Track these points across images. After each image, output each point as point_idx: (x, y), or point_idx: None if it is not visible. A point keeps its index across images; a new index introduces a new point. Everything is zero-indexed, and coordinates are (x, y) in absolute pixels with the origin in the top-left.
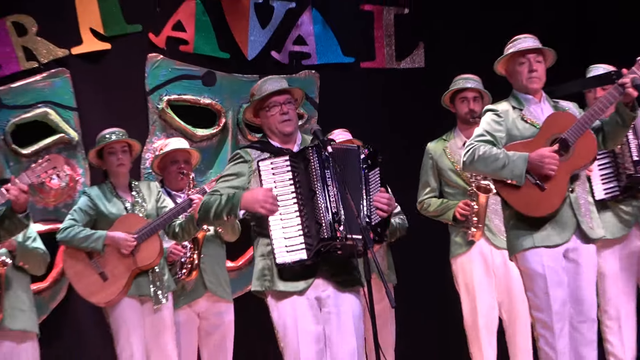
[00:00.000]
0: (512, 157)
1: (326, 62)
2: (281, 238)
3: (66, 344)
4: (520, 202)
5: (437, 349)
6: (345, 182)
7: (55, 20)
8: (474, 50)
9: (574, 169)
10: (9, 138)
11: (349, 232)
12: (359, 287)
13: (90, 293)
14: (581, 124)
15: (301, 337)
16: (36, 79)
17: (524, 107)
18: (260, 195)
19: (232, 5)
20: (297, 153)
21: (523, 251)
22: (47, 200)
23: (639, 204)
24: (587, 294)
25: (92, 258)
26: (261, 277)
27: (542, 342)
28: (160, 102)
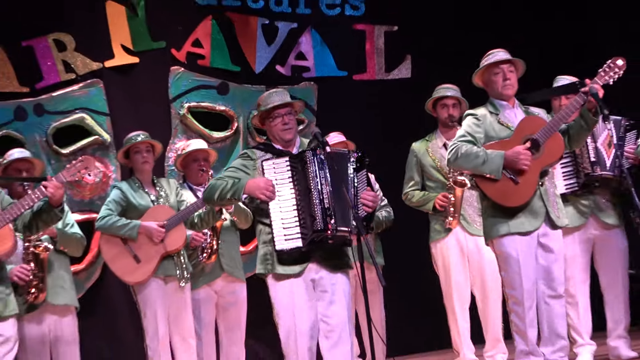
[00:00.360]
0: (490, 155)
1: (323, 75)
2: (280, 228)
3: (99, 318)
4: (496, 194)
5: (419, 321)
6: (337, 182)
7: (90, 38)
8: (453, 63)
9: (543, 166)
10: (50, 140)
11: (339, 225)
12: (348, 269)
13: (125, 273)
14: (550, 127)
15: (297, 313)
16: (74, 89)
17: (500, 112)
18: (262, 183)
19: (242, 25)
20: (295, 155)
21: (499, 237)
22: (83, 193)
23: (594, 198)
24: (557, 272)
25: (126, 243)
26: (264, 262)
27: (514, 315)
28: (182, 108)
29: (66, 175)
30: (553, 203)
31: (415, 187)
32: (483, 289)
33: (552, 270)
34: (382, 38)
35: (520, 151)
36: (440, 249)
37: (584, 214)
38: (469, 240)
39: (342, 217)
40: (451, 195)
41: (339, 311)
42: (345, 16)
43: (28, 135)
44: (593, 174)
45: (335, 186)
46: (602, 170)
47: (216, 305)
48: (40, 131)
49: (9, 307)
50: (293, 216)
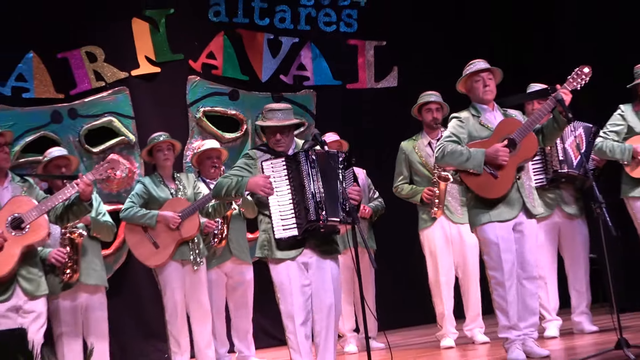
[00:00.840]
0: (473, 152)
1: (320, 84)
2: (278, 219)
3: (125, 296)
4: (478, 187)
5: (407, 299)
6: (327, 179)
7: (118, 50)
8: (434, 73)
9: (519, 161)
10: (82, 140)
11: (329, 216)
12: (337, 254)
13: (146, 258)
14: (525, 127)
15: (293, 290)
16: (103, 95)
17: (481, 114)
18: (261, 181)
19: (250, 40)
20: (291, 156)
21: (481, 225)
22: (111, 187)
23: (560, 192)
24: (530, 257)
25: (146, 231)
26: (262, 247)
27: (496, 294)
28: (198, 112)
29: (95, 174)
30: (529, 194)
31: (404, 181)
32: (464, 271)
33: (526, 255)
34: (372, 52)
35: (499, 148)
36: (427, 236)
37: (550, 205)
38: (452, 228)
39: (332, 209)
40: (436, 189)
41: (329, 290)
42: (340, 32)
43: (63, 136)
44: (561, 171)
45: (325, 182)
46: (569, 168)
47: (226, 285)
48: (73, 132)
49: (40, 287)
50: (289, 209)
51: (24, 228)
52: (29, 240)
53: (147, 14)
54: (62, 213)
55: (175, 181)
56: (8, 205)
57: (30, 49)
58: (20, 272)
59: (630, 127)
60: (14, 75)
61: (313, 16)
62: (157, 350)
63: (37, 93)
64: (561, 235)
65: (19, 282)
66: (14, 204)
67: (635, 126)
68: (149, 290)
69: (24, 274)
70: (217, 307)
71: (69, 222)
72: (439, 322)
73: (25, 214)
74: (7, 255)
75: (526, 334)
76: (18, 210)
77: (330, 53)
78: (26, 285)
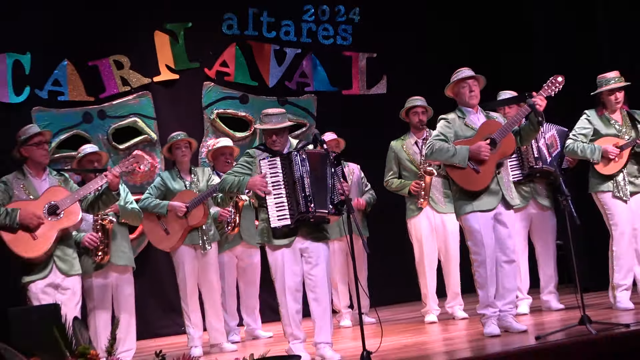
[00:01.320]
0: (458, 149)
1: (320, 90)
2: (274, 211)
3: (147, 276)
4: (462, 181)
5: (395, 280)
6: (319, 176)
7: (142, 59)
8: (419, 81)
9: (499, 158)
10: (110, 138)
11: (317, 208)
12: (327, 240)
13: (158, 242)
14: (505, 128)
15: (286, 272)
16: (129, 98)
17: (466, 116)
18: (258, 182)
19: (259, 50)
20: (285, 155)
21: (465, 214)
22: (135, 180)
23: (535, 185)
24: (509, 243)
25: (159, 219)
26: (261, 234)
27: (477, 275)
28: (212, 114)
29: (122, 167)
30: (507, 187)
31: (393, 176)
32: (446, 255)
33: (505, 240)
34: (364, 62)
35: (482, 145)
36: (414, 224)
37: (525, 197)
38: (436, 217)
39: (320, 202)
40: (422, 182)
41: (320, 271)
42: (337, 45)
43: (93, 134)
44: (536, 167)
45: (315, 178)
46: (543, 164)
47: (236, 266)
48: (102, 131)
49: (74, 267)
50: (283, 201)
51: (59, 214)
52: (63, 225)
53: (167, 27)
54: (93, 202)
55: (192, 174)
56: (45, 195)
57: (65, 58)
58: (56, 253)
59: (596, 130)
60: (50, 80)
61: (313, 30)
62: (175, 324)
63: (71, 96)
64: (533, 224)
65: (55, 262)
66: (51, 193)
67: (600, 129)
68: (168, 271)
69: (59, 255)
70: (229, 286)
71: (99, 211)
72: (424, 300)
73: (60, 202)
74: (44, 238)
75: (506, 310)
76: (54, 199)
77: (328, 63)
78: (61, 265)
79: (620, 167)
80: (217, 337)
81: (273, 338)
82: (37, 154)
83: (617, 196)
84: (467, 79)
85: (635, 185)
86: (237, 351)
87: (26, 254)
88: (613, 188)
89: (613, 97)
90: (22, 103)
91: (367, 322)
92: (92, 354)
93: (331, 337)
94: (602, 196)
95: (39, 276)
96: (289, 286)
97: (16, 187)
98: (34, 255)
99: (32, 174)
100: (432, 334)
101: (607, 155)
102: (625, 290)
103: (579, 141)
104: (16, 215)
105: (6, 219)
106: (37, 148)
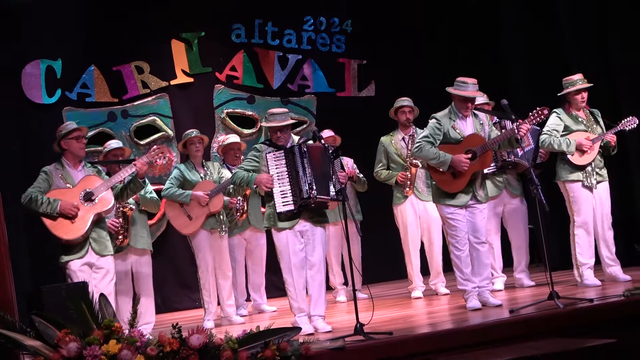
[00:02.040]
0: (442, 156)
1: (318, 91)
2: (279, 197)
3: (165, 256)
4: (441, 182)
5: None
6: (319, 167)
7: (160, 64)
8: (403, 85)
9: (475, 170)
10: (132, 135)
11: (318, 194)
12: (325, 223)
13: (182, 227)
14: (487, 145)
15: (291, 252)
16: (148, 100)
17: (456, 120)
18: (264, 179)
19: (264, 56)
20: (288, 149)
21: (441, 205)
22: (154, 172)
23: (507, 176)
24: (481, 227)
25: (182, 206)
26: (268, 219)
27: (453, 255)
28: (222, 113)
29: (149, 157)
30: (479, 188)
31: (382, 168)
32: (429, 238)
33: (478, 225)
34: (355, 68)
35: (462, 160)
36: (400, 210)
37: (498, 187)
38: (420, 204)
39: (321, 189)
40: (408, 173)
41: (318, 252)
42: (333, 52)
43: (117, 131)
44: (508, 160)
45: (315, 169)
46: (515, 157)
47: (245, 248)
48: (125, 129)
49: (107, 248)
50: (287, 189)
51: (94, 200)
52: (97, 210)
53: (183, 36)
54: (122, 189)
55: (204, 167)
56: (81, 183)
57: (92, 64)
58: (92, 235)
59: (567, 126)
60: (79, 84)
61: (312, 39)
62: (190, 300)
63: (97, 98)
64: (506, 210)
65: (90, 243)
66: (86, 181)
67: (570, 125)
68: (183, 253)
69: (94, 237)
70: (239, 265)
71: (128, 197)
72: (410, 278)
73: (94, 189)
74: (81, 222)
75: (482, 286)
76: (89, 186)
77: (325, 68)
78: (95, 246)
79: (592, 159)
80: (228, 311)
81: (277, 312)
82: (76, 147)
83: (586, 185)
84: (469, 100)
85: (601, 175)
86: (245, 323)
87: (66, 236)
88: (583, 178)
89: (579, 97)
90: (54, 104)
91: (360, 297)
92: (116, 326)
93: (324, 311)
94: (570, 185)
95: (77, 256)
96: (294, 264)
97: (55, 177)
98: (73, 237)
99: (69, 165)
100: (418, 308)
101: (581, 147)
102: (589, 269)
103: (553, 136)
104: (57, 206)
105: (48, 207)
106: (77, 142)
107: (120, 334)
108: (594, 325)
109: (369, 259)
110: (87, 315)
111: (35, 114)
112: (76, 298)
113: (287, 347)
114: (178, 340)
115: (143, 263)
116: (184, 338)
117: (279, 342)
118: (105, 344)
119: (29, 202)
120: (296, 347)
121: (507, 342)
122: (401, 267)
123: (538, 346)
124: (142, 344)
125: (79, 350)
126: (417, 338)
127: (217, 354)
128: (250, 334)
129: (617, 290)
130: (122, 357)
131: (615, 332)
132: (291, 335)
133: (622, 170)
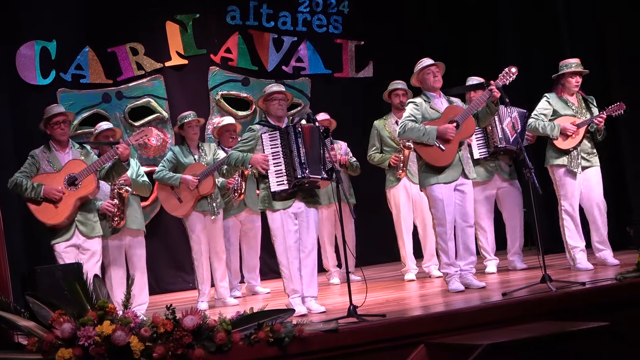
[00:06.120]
0: (428, 129)
1: (314, 73)
2: (274, 177)
3: (159, 239)
4: (429, 157)
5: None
6: (311, 147)
7: (155, 46)
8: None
9: (461, 138)
10: (127, 116)
11: (311, 174)
12: (318, 205)
13: (172, 209)
14: (466, 112)
15: (285, 233)
16: (143, 81)
17: (431, 100)
18: (260, 159)
19: (259, 38)
20: (283, 129)
21: (430, 185)
22: (148, 153)
23: (499, 161)
24: (469, 209)
25: (173, 189)
26: (263, 201)
27: (439, 239)
28: (217, 95)
29: (132, 139)
30: (467, 162)
31: (376, 151)
32: (422, 221)
33: (467, 208)
34: (353, 49)
35: (448, 127)
36: (393, 193)
37: (490, 172)
38: (413, 187)
39: (314, 169)
40: (401, 155)
41: (311, 233)
42: (329, 33)
43: (111, 113)
44: (500, 146)
45: (308, 149)
46: (507, 143)
47: (240, 230)
48: (119, 110)
49: (95, 230)
50: (282, 169)
51: (77, 184)
52: (81, 194)
53: (178, 18)
54: (108, 171)
55: (199, 149)
56: (65, 167)
57: (87, 45)
58: (78, 217)
59: (555, 110)
60: (73, 65)
61: (308, 20)
62: (183, 281)
63: (92, 79)
64: (499, 194)
65: (77, 226)
66: (70, 165)
67: (559, 110)
68: (177, 234)
69: (81, 219)
70: (233, 247)
71: (114, 179)
72: (403, 261)
73: (78, 173)
74: (64, 206)
75: (466, 269)
76: (73, 171)
77: (322, 49)
78: (82, 228)
79: (576, 143)
80: (222, 293)
81: (270, 294)
82: (57, 133)
83: (570, 169)
84: (429, 66)
85: (588, 161)
86: (239, 305)
87: (49, 221)
88: (567, 162)
89: (574, 80)
90: (48, 85)
91: (353, 280)
92: (110, 307)
93: (317, 292)
94: (556, 170)
95: (62, 239)
96: (289, 245)
97: (42, 160)
98: (56, 222)
99: (56, 148)
100: (411, 291)
101: (565, 132)
102: (582, 252)
103: (539, 120)
104: (40, 191)
105: (32, 192)
106: (55, 127)
107: (114, 315)
108: (586, 309)
109: (362, 242)
110: (81, 296)
111: (30, 95)
112: (70, 279)
113: (280, 329)
114: (172, 321)
115: (137, 243)
116: (177, 319)
117: (272, 324)
118: (99, 324)
119: (14, 187)
120: (290, 329)
121: (500, 325)
122: (394, 250)
123: (531, 329)
124: (135, 325)
125: (73, 331)
126: (410, 320)
127: (210, 335)
128: (243, 315)
129: (609, 274)
130: (115, 338)
131: (608, 315)
132: (285, 317)
133: (614, 155)
